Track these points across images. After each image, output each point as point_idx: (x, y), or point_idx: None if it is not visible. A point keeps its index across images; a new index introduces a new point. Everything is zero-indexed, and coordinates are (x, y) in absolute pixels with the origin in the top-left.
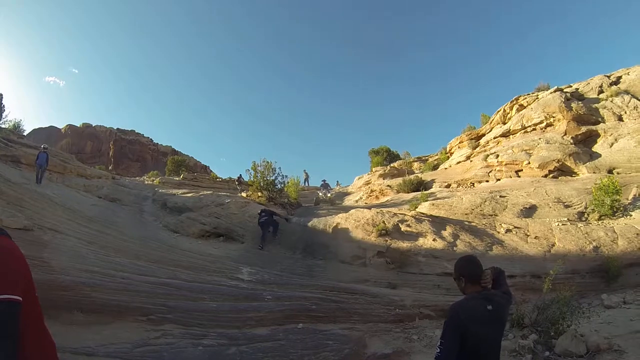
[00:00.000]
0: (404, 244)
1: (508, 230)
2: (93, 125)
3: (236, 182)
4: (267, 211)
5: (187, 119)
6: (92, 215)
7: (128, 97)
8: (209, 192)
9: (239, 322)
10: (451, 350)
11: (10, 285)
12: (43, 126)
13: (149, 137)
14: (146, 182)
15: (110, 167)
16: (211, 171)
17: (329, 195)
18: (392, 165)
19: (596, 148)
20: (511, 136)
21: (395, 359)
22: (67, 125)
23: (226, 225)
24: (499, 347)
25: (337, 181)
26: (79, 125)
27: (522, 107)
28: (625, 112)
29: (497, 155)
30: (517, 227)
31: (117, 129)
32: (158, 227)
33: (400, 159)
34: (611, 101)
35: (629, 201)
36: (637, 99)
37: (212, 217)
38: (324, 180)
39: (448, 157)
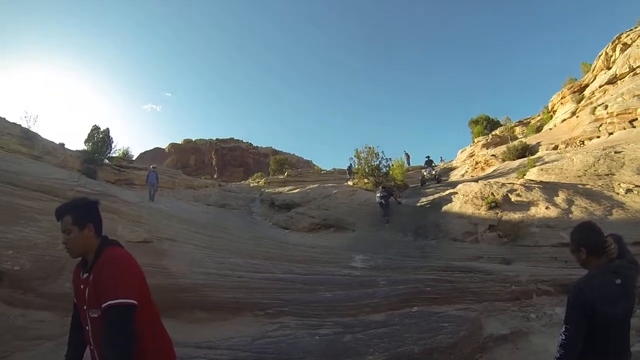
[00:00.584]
0: (516, 215)
1: (629, 190)
2: (194, 139)
3: (347, 172)
4: (387, 189)
5: (283, 117)
6: (204, 222)
7: (222, 107)
8: (314, 185)
9: (354, 310)
10: (578, 336)
11: (128, 290)
12: (148, 149)
13: (248, 142)
14: (252, 185)
15: (215, 176)
16: (314, 165)
17: (433, 172)
18: (493, 133)
19: None
20: (619, 82)
21: (512, 340)
22: (170, 144)
23: (335, 216)
24: (629, 326)
25: (441, 157)
26: (180, 142)
27: (626, 45)
28: None
29: (606, 106)
30: (639, 186)
31: (217, 139)
32: (268, 225)
33: (501, 126)
34: None
35: None
36: None
37: (321, 209)
38: (427, 157)
39: (551, 116)
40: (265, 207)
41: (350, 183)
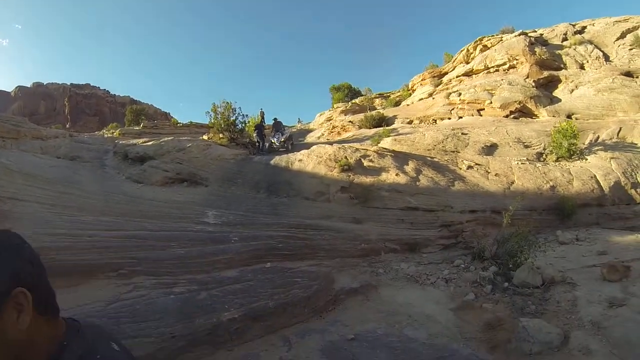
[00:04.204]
0: (367, 179)
1: (470, 167)
2: (45, 83)
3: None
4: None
5: (143, 64)
6: (52, 177)
7: (79, 49)
8: (169, 138)
9: (207, 267)
10: None
11: None
12: None
13: (105, 90)
14: (106, 136)
15: (67, 126)
16: (172, 117)
17: (282, 138)
18: (353, 101)
19: (557, 93)
20: (474, 76)
21: (363, 293)
22: (16, 88)
23: (189, 170)
24: None
25: (299, 118)
26: (29, 86)
27: (485, 47)
28: (587, 61)
29: (460, 94)
30: (479, 164)
31: (71, 84)
32: (121, 179)
33: (362, 96)
34: (574, 49)
35: (585, 146)
36: (600, 49)
37: (175, 163)
38: (274, 119)
39: (410, 94)
40: (119, 159)
41: (205, 137)
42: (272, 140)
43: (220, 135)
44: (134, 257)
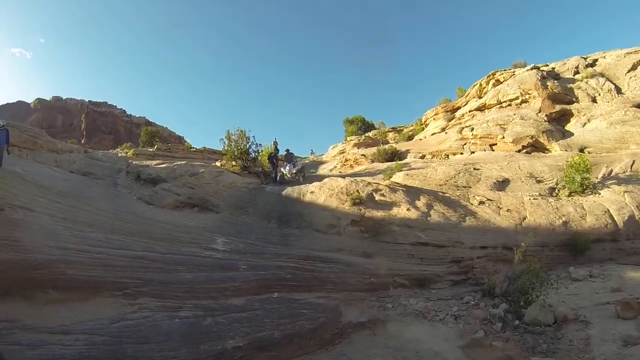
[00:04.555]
0: (378, 213)
1: (481, 203)
2: (64, 98)
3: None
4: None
5: (161, 88)
6: (65, 190)
7: (100, 67)
8: (182, 162)
9: (214, 293)
10: None
11: None
12: (10, 101)
13: (122, 109)
14: (119, 155)
15: (82, 141)
16: (185, 141)
17: (294, 170)
18: (366, 134)
19: (569, 127)
20: (486, 110)
21: (370, 327)
22: (36, 100)
23: (200, 196)
24: None
25: (312, 150)
26: (49, 99)
27: (498, 82)
28: (600, 94)
29: (472, 129)
30: (490, 200)
31: (89, 101)
32: (132, 199)
33: (375, 129)
34: (586, 82)
35: (598, 180)
36: (612, 82)
37: (186, 187)
38: (287, 150)
39: (423, 129)
40: (131, 179)
41: (217, 164)
42: (284, 172)
43: (233, 163)
44: (140, 278)
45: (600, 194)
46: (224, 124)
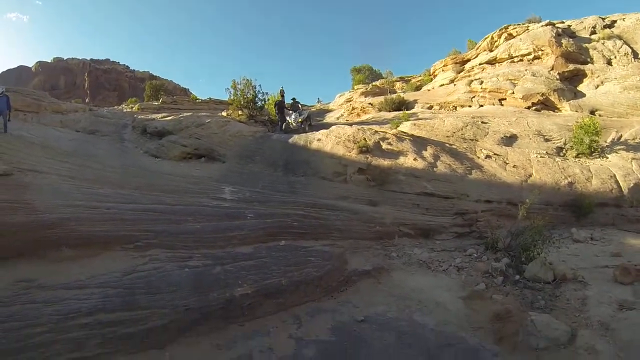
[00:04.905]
0: (385, 162)
1: (488, 157)
2: (65, 58)
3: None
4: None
5: (163, 39)
6: (72, 150)
7: (99, 24)
8: (188, 113)
9: (222, 242)
10: None
11: None
12: (11, 67)
13: (124, 65)
14: (125, 110)
15: (87, 100)
16: (191, 93)
17: (300, 118)
18: (374, 83)
19: (581, 87)
20: (497, 64)
21: (375, 275)
22: (37, 63)
23: (207, 146)
24: None
25: (318, 98)
26: (50, 61)
27: (510, 36)
28: (615, 57)
29: (482, 82)
30: (497, 154)
31: (91, 59)
32: (139, 153)
33: (383, 78)
34: (602, 43)
35: (607, 144)
36: (629, 46)
37: (193, 138)
38: (293, 99)
39: (431, 79)
40: (137, 134)
41: (224, 113)
42: (289, 120)
43: (240, 112)
44: (150, 230)
45: (607, 158)
46: (230, 76)
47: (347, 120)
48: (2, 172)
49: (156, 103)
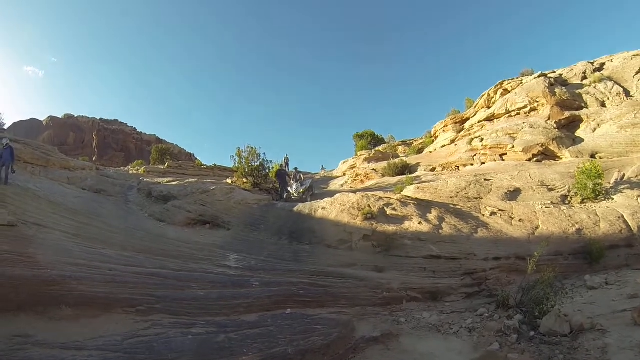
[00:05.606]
0: (390, 227)
1: (493, 213)
2: (75, 116)
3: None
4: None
5: (172, 106)
6: (77, 207)
7: (110, 86)
8: (194, 179)
9: (227, 310)
10: None
11: None
12: (24, 119)
13: (132, 127)
14: (131, 172)
15: (94, 158)
16: (196, 158)
17: (302, 189)
18: (376, 149)
19: (579, 133)
20: (495, 120)
21: (383, 342)
22: (48, 117)
23: (212, 213)
24: None
25: (322, 165)
26: (60, 117)
27: (506, 91)
28: (608, 98)
29: (482, 139)
30: (502, 210)
31: (100, 119)
32: (144, 216)
33: (385, 143)
34: (594, 87)
35: (610, 185)
36: (620, 85)
37: (198, 204)
38: (295, 169)
39: (433, 141)
40: (143, 196)
41: (229, 181)
42: (291, 191)
43: (244, 180)
44: (153, 295)
45: (613, 199)
46: (234, 144)
47: (351, 187)
48: (7, 223)
49: (162, 167)
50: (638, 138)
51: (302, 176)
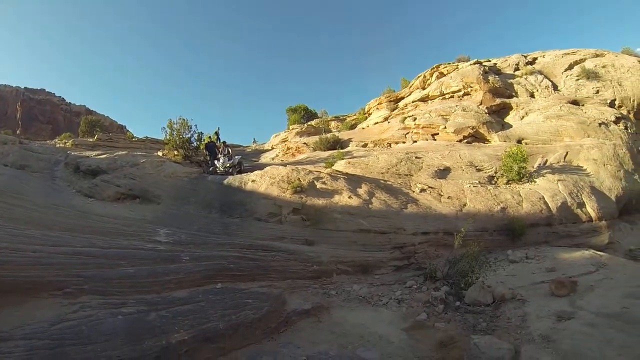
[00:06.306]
0: (320, 201)
1: (423, 190)
2: None
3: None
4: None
5: (103, 75)
6: None
7: (37, 51)
8: (124, 152)
9: (157, 286)
10: None
11: None
12: None
13: (60, 97)
14: (58, 146)
15: (18, 132)
16: (128, 131)
17: (228, 164)
18: (309, 123)
19: (508, 119)
20: (429, 101)
21: (315, 314)
22: None
23: (142, 187)
24: None
25: (254, 138)
26: None
27: (442, 74)
28: (537, 90)
29: (415, 119)
30: (432, 187)
31: (25, 88)
32: (71, 193)
33: (318, 118)
34: (525, 78)
35: (534, 169)
36: (549, 79)
37: (128, 178)
38: (223, 142)
39: (366, 118)
40: (70, 171)
41: (159, 153)
42: (217, 165)
43: (175, 152)
44: (81, 275)
45: (536, 182)
46: (166, 116)
47: (282, 160)
48: None
49: (91, 140)
50: (561, 128)
51: (230, 150)
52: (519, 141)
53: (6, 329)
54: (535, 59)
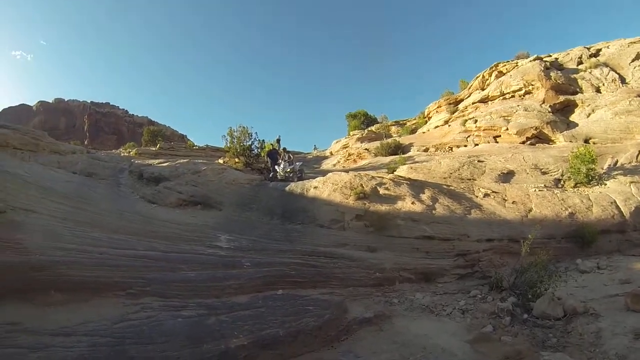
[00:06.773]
0: (383, 207)
1: (486, 195)
2: (66, 100)
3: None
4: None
5: (163, 88)
6: (67, 191)
7: (101, 68)
8: (185, 160)
9: (217, 291)
10: None
11: None
12: (13, 105)
13: (124, 109)
14: (122, 155)
15: (85, 142)
16: (188, 140)
17: (289, 169)
18: (369, 129)
19: (573, 117)
20: (489, 102)
21: (376, 323)
22: (38, 102)
23: (203, 193)
24: None
25: (315, 145)
26: (51, 101)
27: (501, 73)
28: (604, 84)
29: (476, 121)
30: (495, 192)
31: (91, 102)
32: (135, 199)
33: (378, 123)
34: (590, 72)
35: (604, 170)
36: (616, 72)
37: (189, 185)
38: (283, 149)
39: (426, 122)
40: (134, 178)
41: (220, 161)
42: (277, 169)
43: (236, 160)
44: (143, 277)
45: (606, 184)
46: (227, 124)
47: (343, 166)
48: None
49: (153, 149)
50: (632, 125)
51: (290, 156)
52: (586, 141)
53: (70, 325)
54: (599, 50)
